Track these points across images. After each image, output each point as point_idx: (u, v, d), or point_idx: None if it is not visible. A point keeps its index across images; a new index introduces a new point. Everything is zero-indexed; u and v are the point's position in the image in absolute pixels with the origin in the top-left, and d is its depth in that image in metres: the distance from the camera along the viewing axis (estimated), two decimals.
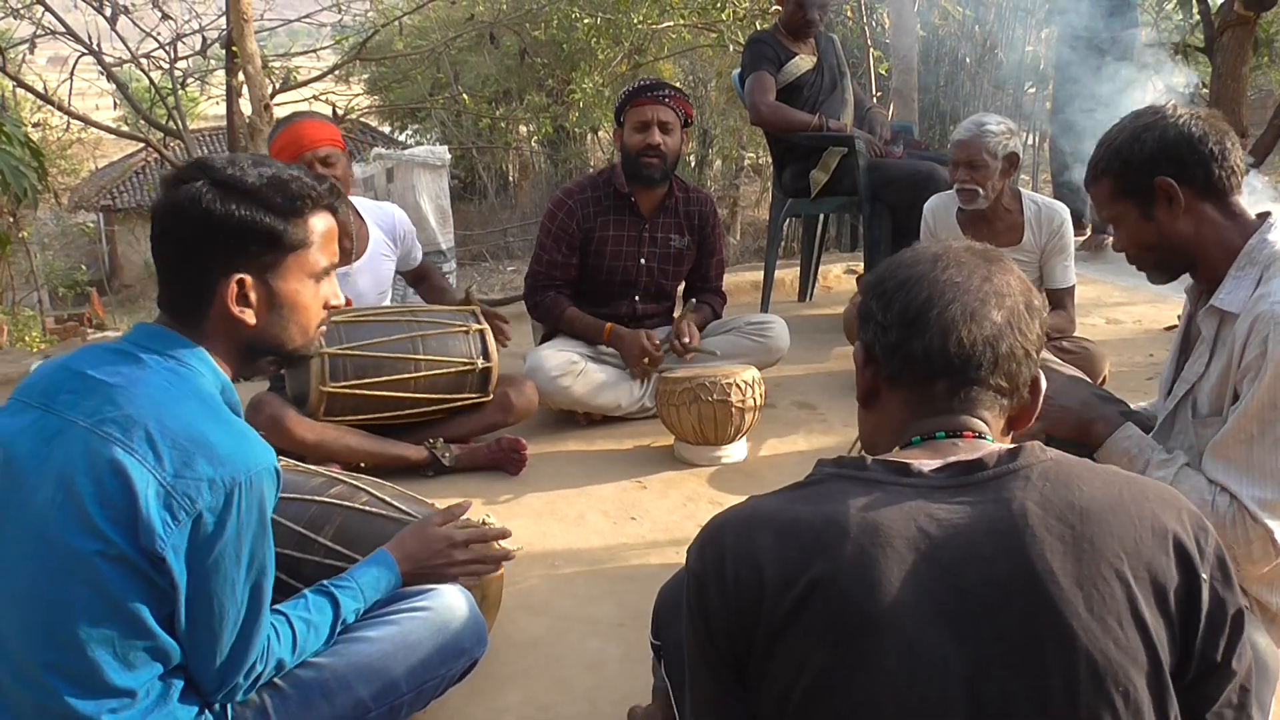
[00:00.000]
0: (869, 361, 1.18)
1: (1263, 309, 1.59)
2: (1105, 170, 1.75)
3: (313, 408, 2.90)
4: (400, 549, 1.75)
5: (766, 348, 3.58)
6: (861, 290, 1.22)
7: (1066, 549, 1.00)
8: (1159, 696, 0.99)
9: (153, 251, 1.49)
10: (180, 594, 1.34)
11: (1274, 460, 1.59)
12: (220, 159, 1.45)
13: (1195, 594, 1.03)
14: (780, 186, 4.76)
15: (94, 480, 1.32)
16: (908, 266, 1.17)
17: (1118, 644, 0.97)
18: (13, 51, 7.00)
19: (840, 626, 0.99)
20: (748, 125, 10.09)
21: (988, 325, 1.11)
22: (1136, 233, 1.74)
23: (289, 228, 1.47)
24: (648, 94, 3.40)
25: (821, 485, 1.09)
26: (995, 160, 3.36)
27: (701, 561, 1.08)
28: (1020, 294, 1.15)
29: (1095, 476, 1.06)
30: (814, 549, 1.01)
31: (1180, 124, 1.68)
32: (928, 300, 1.12)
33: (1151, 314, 4.67)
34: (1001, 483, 1.04)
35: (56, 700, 1.32)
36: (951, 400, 1.12)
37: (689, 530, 2.74)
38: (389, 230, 3.31)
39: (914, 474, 1.06)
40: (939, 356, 1.11)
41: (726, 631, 1.04)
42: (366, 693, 1.57)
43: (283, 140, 3.03)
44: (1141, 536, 1.02)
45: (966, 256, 1.16)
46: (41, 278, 9.19)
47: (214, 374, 1.46)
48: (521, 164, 14.18)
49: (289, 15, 7.96)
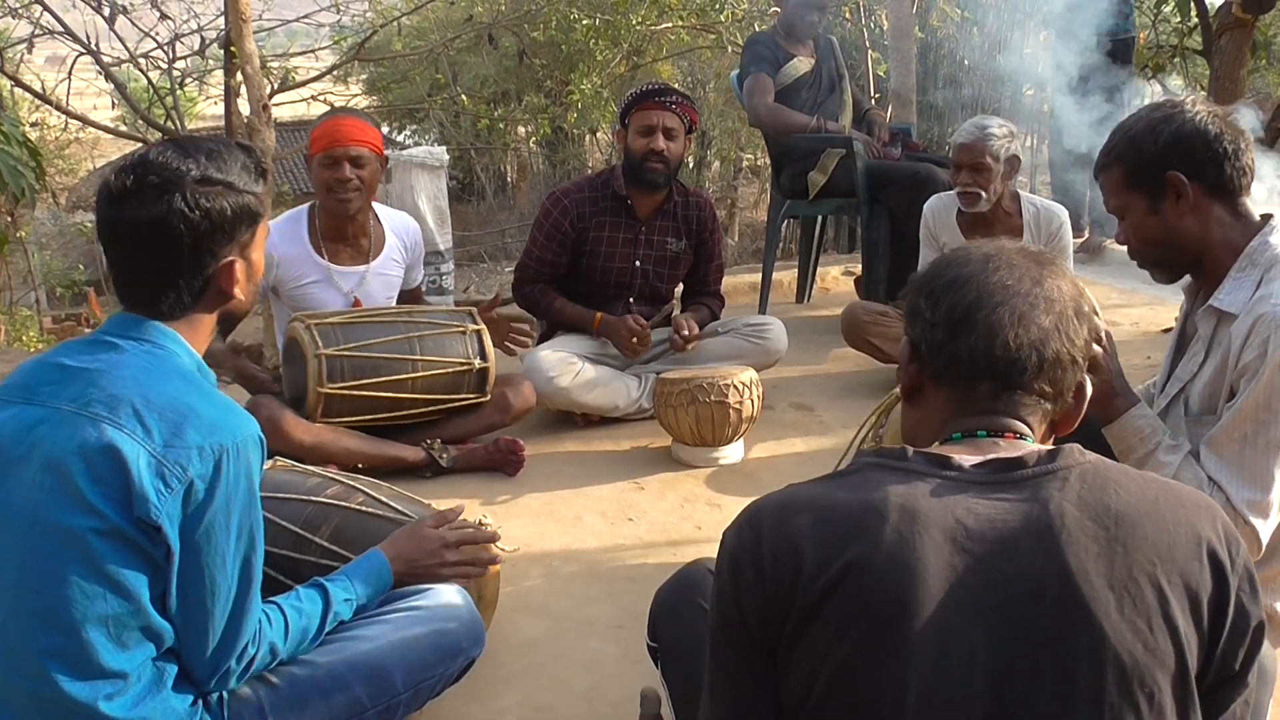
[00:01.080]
0: (914, 358, 1.19)
1: (1263, 311, 1.59)
2: (1118, 157, 1.74)
3: (310, 409, 2.89)
4: (393, 549, 1.76)
5: (764, 349, 3.58)
6: (910, 287, 1.21)
7: (1101, 550, 1.00)
8: (1183, 701, 1.00)
9: (130, 263, 1.46)
10: (174, 565, 1.35)
11: (1265, 462, 1.60)
12: (173, 159, 1.44)
13: (1224, 604, 1.03)
14: (778, 188, 4.76)
15: (83, 458, 1.33)
16: (958, 265, 1.17)
17: (1147, 647, 0.98)
18: (11, 51, 6.99)
19: (872, 611, 0.99)
20: (746, 127, 10.11)
21: (1035, 330, 1.11)
22: (1142, 226, 1.74)
23: (261, 203, 1.53)
24: (655, 99, 3.40)
25: (861, 474, 1.09)
26: (997, 163, 3.37)
27: (739, 542, 1.08)
28: (1070, 299, 1.14)
29: (1132, 481, 1.07)
30: (852, 533, 1.02)
31: (1198, 120, 1.67)
32: (976, 301, 1.13)
33: (1149, 316, 4.68)
34: (1040, 482, 1.05)
35: (52, 688, 1.32)
36: (994, 402, 1.13)
37: (686, 531, 2.74)
38: (403, 240, 3.33)
39: (954, 468, 1.07)
40: (984, 359, 1.12)
41: (760, 612, 1.05)
42: (363, 691, 1.57)
43: (321, 131, 3.06)
44: (1175, 542, 1.02)
45: (1018, 259, 1.16)
46: (39, 277, 9.17)
47: (189, 354, 1.48)
48: (519, 165, 14.18)
49: (287, 15, 7.95)
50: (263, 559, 1.46)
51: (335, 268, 3.16)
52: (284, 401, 2.96)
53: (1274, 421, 1.58)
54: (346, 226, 3.16)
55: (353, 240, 3.20)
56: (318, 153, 3.04)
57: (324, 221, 3.16)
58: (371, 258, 3.22)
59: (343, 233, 3.17)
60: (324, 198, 3.08)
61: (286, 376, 3.03)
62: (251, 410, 2.82)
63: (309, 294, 3.14)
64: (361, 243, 3.21)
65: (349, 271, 3.18)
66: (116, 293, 1.49)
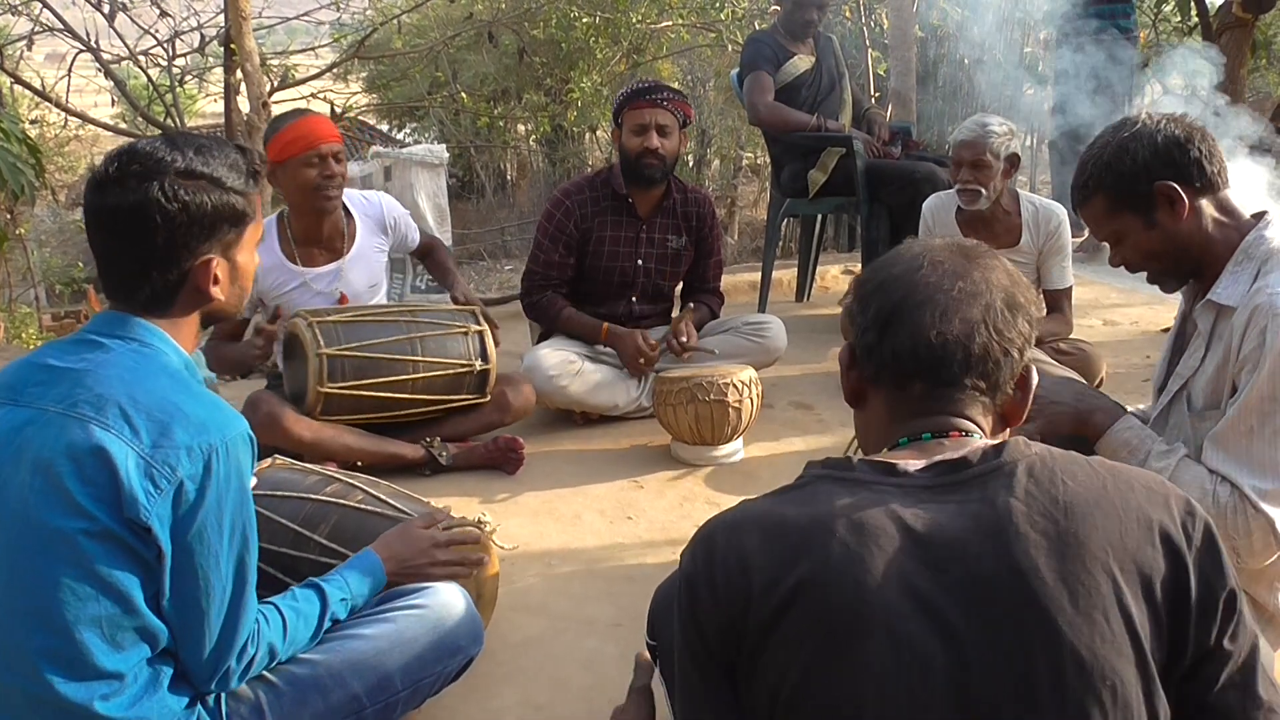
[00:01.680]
0: (853, 363, 1.19)
1: (1260, 301, 1.60)
2: (1097, 186, 1.74)
3: (310, 407, 2.89)
4: (385, 549, 1.77)
5: (764, 348, 3.58)
6: (848, 291, 1.22)
7: (1051, 545, 1.00)
8: (1147, 690, 1.00)
9: (108, 251, 1.46)
10: (166, 566, 1.34)
11: (1273, 452, 1.60)
12: (159, 149, 1.44)
13: (1184, 582, 1.03)
14: (778, 186, 4.76)
15: (72, 460, 1.32)
16: (888, 267, 1.18)
17: (1104, 639, 0.98)
18: (10, 48, 6.99)
19: (827, 625, 0.99)
20: (746, 125, 10.09)
21: (959, 324, 1.11)
22: (1141, 243, 1.74)
23: (249, 204, 1.51)
24: (645, 97, 3.39)
25: (809, 487, 1.09)
26: (998, 161, 3.37)
27: (693, 564, 1.09)
28: (1001, 291, 1.13)
29: (1080, 470, 1.06)
30: (800, 549, 1.02)
31: (1163, 129, 1.70)
32: (901, 301, 1.13)
33: (1149, 315, 4.68)
34: (986, 480, 1.05)
35: (47, 689, 1.32)
36: (929, 401, 1.13)
37: (685, 530, 2.74)
38: (377, 220, 3.28)
39: (900, 474, 1.07)
40: (909, 358, 1.12)
41: (718, 631, 1.05)
42: (361, 689, 1.57)
43: (293, 134, 3.00)
44: (1127, 530, 1.02)
45: (946, 255, 1.16)
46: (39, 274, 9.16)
47: (176, 352, 1.47)
48: (519, 163, 14.16)
49: (287, 13, 7.95)
50: (257, 558, 1.46)
51: (310, 271, 3.12)
52: (283, 398, 2.96)
53: (1278, 411, 1.58)
54: (323, 227, 3.12)
55: (327, 241, 3.15)
56: (296, 155, 2.97)
57: (298, 227, 3.11)
58: (345, 251, 3.18)
59: (318, 235, 3.12)
60: (307, 199, 3.03)
61: (287, 373, 3.03)
62: (251, 406, 2.85)
63: (291, 301, 3.10)
64: (335, 242, 3.17)
65: (324, 272, 3.14)
66: (100, 283, 1.49)
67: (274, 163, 3.00)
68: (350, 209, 3.24)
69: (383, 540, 1.80)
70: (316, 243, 3.14)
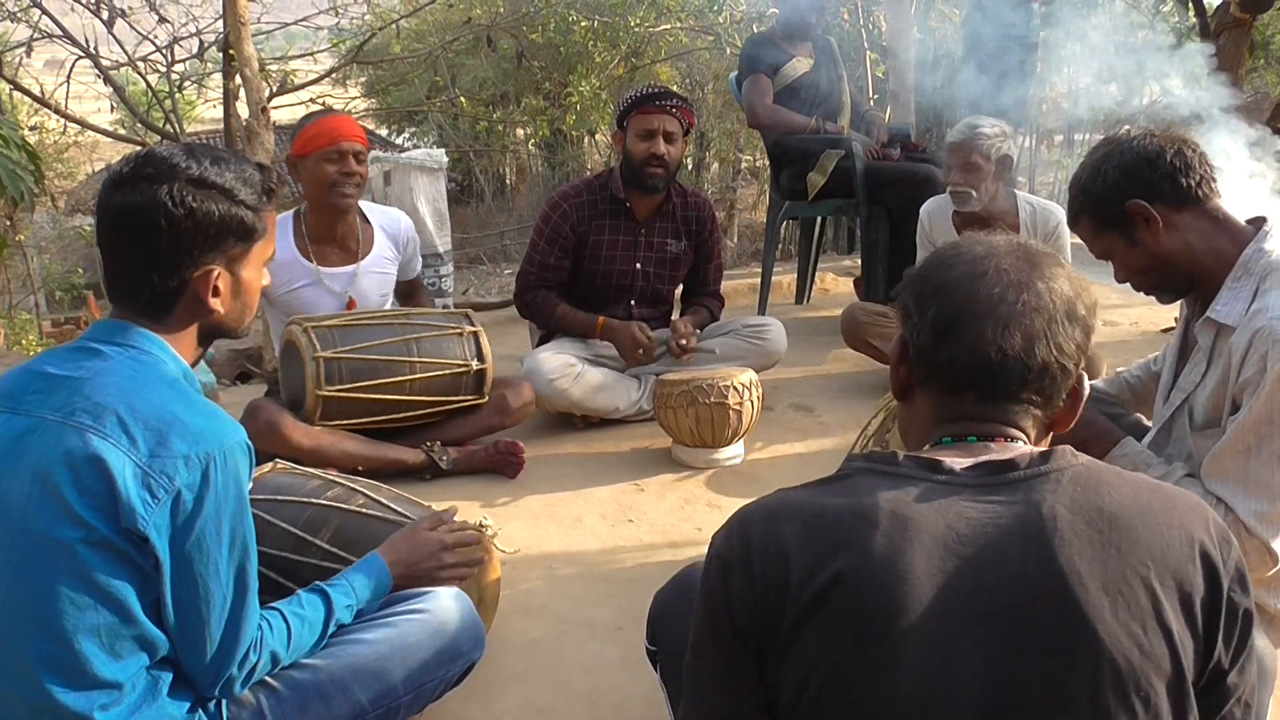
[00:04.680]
0: (904, 359, 1.18)
1: (1260, 324, 1.59)
2: (1080, 209, 1.78)
3: (309, 412, 2.89)
4: (392, 552, 1.76)
5: (764, 350, 3.58)
6: (903, 284, 1.19)
7: (1094, 553, 0.99)
8: (1179, 704, 0.99)
9: (113, 251, 1.46)
10: (165, 575, 1.34)
11: (1270, 474, 1.59)
12: (174, 155, 1.44)
13: (1218, 604, 1.02)
14: (777, 189, 4.76)
15: (70, 469, 1.32)
16: (947, 268, 1.14)
17: (1142, 650, 0.97)
18: (9, 55, 6.99)
19: (863, 619, 0.98)
20: (745, 128, 10.10)
21: (1020, 340, 1.09)
22: (1128, 260, 1.76)
23: (259, 220, 1.50)
24: (655, 103, 3.38)
25: (851, 479, 1.08)
26: (988, 162, 3.37)
27: (729, 546, 1.07)
28: (1062, 301, 1.11)
29: (1124, 483, 1.06)
30: (841, 541, 1.01)
31: (1135, 146, 1.70)
32: (961, 311, 1.10)
33: (1148, 316, 4.68)
34: (1032, 484, 1.04)
35: (47, 698, 1.32)
36: (981, 408, 1.11)
37: (686, 533, 2.74)
38: (394, 235, 3.32)
39: (945, 471, 1.06)
40: (965, 370, 1.10)
41: (750, 618, 1.04)
42: (363, 695, 1.57)
43: (318, 129, 3.05)
44: (1169, 545, 1.02)
45: (1009, 262, 1.13)
46: (39, 281, 9.18)
47: (175, 361, 1.47)
48: (518, 167, 14.16)
49: (286, 18, 7.94)
50: (257, 565, 1.45)
51: (324, 270, 3.15)
52: (282, 404, 2.96)
53: (1276, 434, 1.58)
54: (337, 227, 3.15)
55: (341, 241, 3.18)
56: (318, 150, 3.02)
57: (314, 224, 3.15)
58: (361, 256, 3.21)
59: (332, 234, 3.16)
60: (324, 195, 3.06)
61: (284, 379, 3.03)
62: (251, 414, 2.85)
63: (300, 298, 3.13)
64: (350, 243, 3.20)
65: (338, 272, 3.17)
66: (103, 284, 1.49)
67: (296, 156, 3.07)
68: (369, 217, 3.27)
69: (389, 544, 1.79)
70: (331, 241, 3.17)
